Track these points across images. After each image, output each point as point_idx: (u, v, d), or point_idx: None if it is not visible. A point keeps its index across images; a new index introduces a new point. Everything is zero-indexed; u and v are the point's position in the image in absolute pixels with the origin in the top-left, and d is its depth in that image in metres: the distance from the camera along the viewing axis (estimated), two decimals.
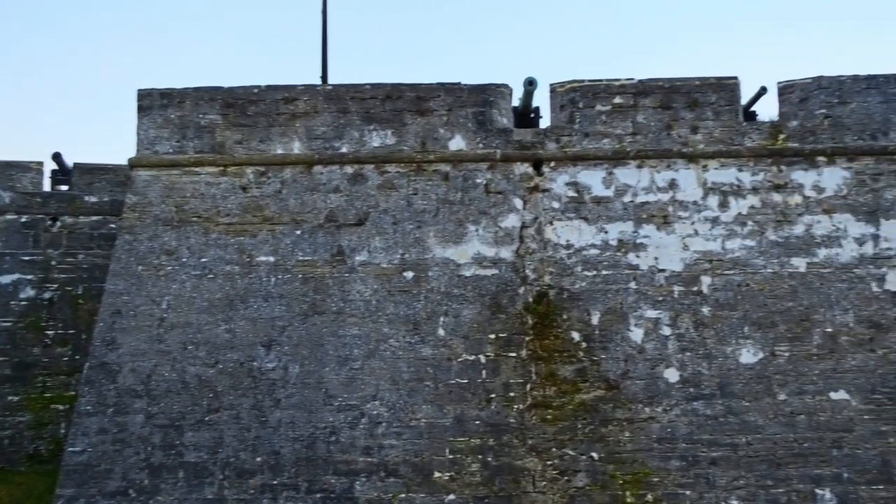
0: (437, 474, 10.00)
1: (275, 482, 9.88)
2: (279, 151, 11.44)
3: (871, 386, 10.41)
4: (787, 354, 10.55)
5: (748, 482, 10.03)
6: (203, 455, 10.01)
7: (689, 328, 10.68)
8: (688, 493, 9.99)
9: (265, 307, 10.84)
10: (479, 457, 10.11)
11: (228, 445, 10.06)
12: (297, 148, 11.43)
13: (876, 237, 10.99)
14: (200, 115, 11.52)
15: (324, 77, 15.90)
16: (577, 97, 11.36)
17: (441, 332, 10.57)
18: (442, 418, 10.25)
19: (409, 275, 10.81)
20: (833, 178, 11.20)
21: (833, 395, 10.38)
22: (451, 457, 10.09)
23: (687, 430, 10.25)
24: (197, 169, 11.38)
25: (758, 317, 10.70)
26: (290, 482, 9.88)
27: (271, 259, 11.03)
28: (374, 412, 10.32)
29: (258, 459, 9.98)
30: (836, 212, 11.08)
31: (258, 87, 11.55)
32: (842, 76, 11.39)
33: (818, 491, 9.97)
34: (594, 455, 10.14)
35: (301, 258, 11.01)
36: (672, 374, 10.48)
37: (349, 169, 11.21)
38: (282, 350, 10.62)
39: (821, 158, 11.25)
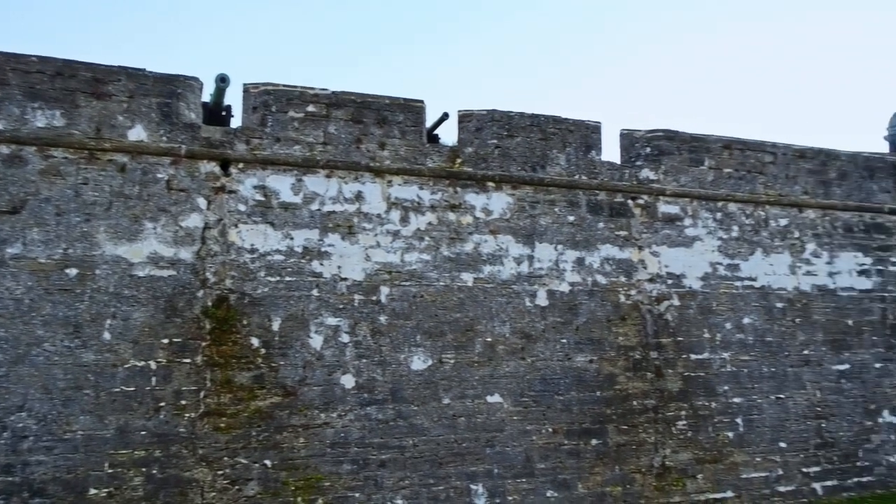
0: (92, 491, 9.54)
1: None
2: None
3: (521, 390, 12.10)
4: (452, 361, 11.84)
5: (412, 482, 11.05)
6: None
7: (367, 336, 11.49)
8: (357, 495, 10.73)
9: None
10: (143, 470, 9.85)
11: None
12: None
13: (531, 258, 12.84)
14: None
15: None
16: (270, 100, 11.66)
17: (107, 335, 10.12)
18: (102, 430, 9.81)
19: (73, 272, 10.19)
20: (499, 202, 12.86)
21: (489, 399, 11.87)
22: (110, 471, 9.70)
23: (359, 434, 10.99)
24: None
25: (429, 326, 11.87)
26: None
27: None
28: (20, 425, 9.53)
29: None
30: (500, 233, 12.73)
31: None
32: (511, 112, 13.16)
33: (472, 486, 11.32)
34: (267, 462, 10.42)
35: None
36: (348, 381, 11.18)
37: (5, 149, 10.25)
38: None
39: (490, 184, 12.86)
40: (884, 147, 17.37)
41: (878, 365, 15.48)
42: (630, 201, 14.04)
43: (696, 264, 14.29)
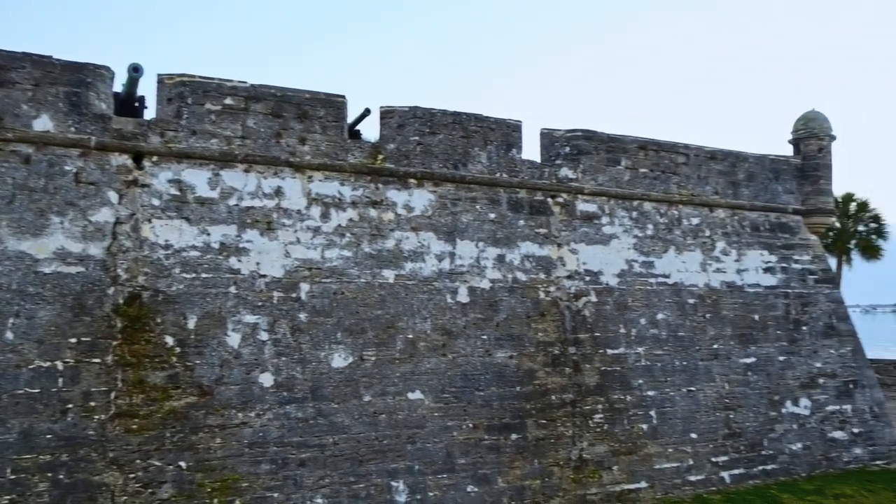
0: None
1: None
2: None
3: (442, 386, 12.16)
4: (373, 359, 11.81)
5: (333, 480, 10.97)
6: None
7: (287, 333, 11.33)
8: (275, 495, 10.58)
9: None
10: (50, 475, 9.46)
11: None
12: None
13: (452, 255, 12.92)
14: None
15: None
16: (186, 92, 11.36)
17: (9, 335, 9.67)
18: (5, 434, 9.36)
19: None
20: (421, 199, 12.90)
21: (410, 396, 11.89)
22: (13, 477, 9.28)
23: (278, 433, 10.84)
24: None
25: (350, 323, 11.80)
26: None
27: None
28: None
29: None
30: (422, 230, 12.76)
31: None
32: (433, 109, 13.21)
33: (393, 483, 11.31)
34: (182, 464, 10.17)
35: None
36: (267, 379, 11.00)
37: None
38: None
39: (412, 181, 12.88)
40: (789, 150, 18.20)
41: (781, 358, 16.23)
42: (550, 199, 14.29)
43: (612, 261, 14.66)
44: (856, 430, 16.46)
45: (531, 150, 14.35)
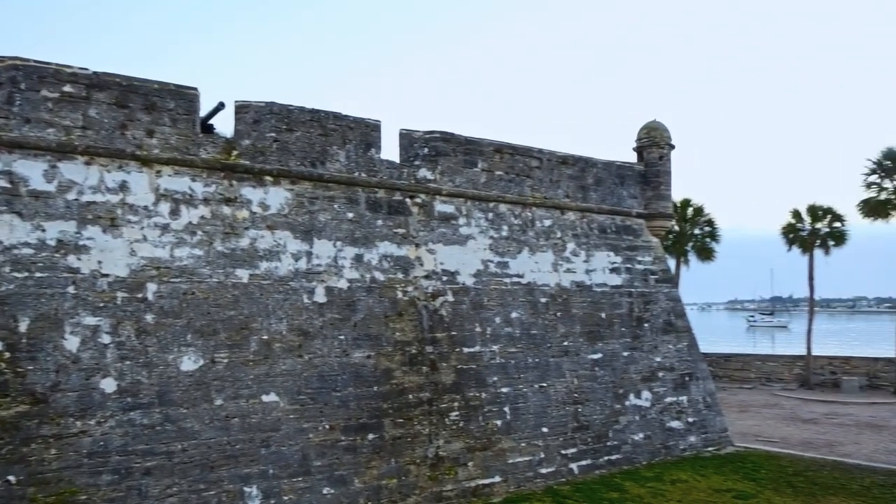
0: None
1: None
2: None
3: (298, 388, 11.94)
4: (226, 361, 11.42)
5: (181, 488, 10.50)
6: None
7: (131, 336, 10.75)
8: None
9: None
10: None
11: None
12: None
13: (309, 254, 12.71)
14: None
15: None
16: (19, 77, 10.53)
17: None
18: None
19: None
20: (277, 197, 12.61)
21: (265, 398, 11.59)
22: None
23: (121, 441, 10.26)
24: None
25: (201, 325, 11.35)
26: None
27: None
28: None
29: None
30: (277, 229, 12.47)
31: None
32: (291, 105, 12.94)
33: (246, 489, 10.99)
34: (11, 478, 9.44)
35: None
36: (109, 385, 10.41)
37: None
38: None
39: (268, 178, 12.57)
40: (633, 157, 19.23)
41: (625, 353, 17.13)
42: (408, 200, 14.37)
43: (469, 262, 14.94)
44: (691, 420, 17.64)
45: (390, 150, 14.38)
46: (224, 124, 13.11)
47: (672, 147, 19.15)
